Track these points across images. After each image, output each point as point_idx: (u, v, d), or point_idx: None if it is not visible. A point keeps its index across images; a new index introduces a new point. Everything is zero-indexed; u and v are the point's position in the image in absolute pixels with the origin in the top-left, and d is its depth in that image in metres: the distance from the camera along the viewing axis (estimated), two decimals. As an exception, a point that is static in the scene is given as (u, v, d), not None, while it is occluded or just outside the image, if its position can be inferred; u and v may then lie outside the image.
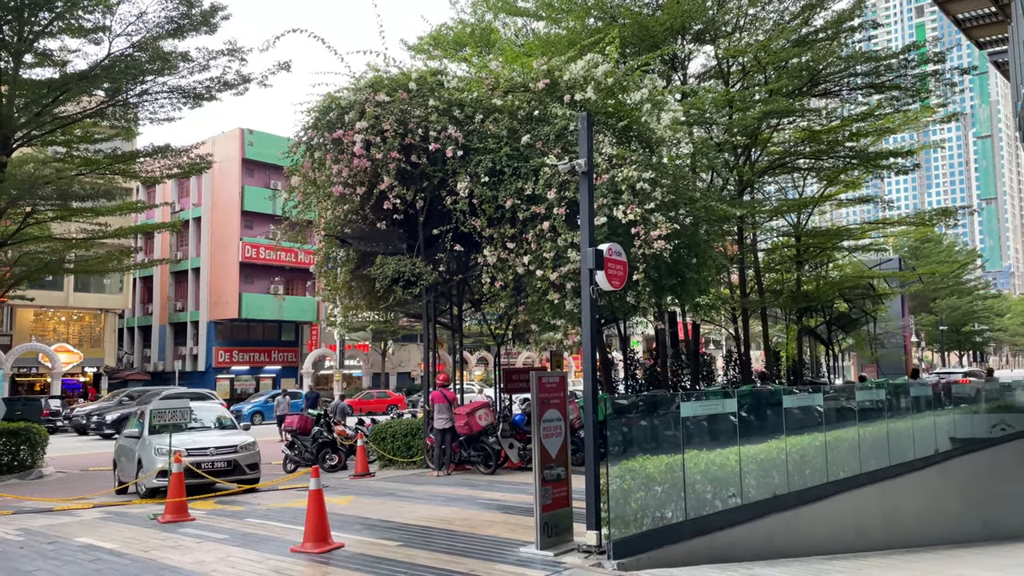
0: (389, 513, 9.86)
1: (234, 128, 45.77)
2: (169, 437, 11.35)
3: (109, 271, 25.52)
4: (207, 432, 13.25)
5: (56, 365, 38.51)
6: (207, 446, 12.24)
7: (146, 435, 12.34)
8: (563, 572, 6.76)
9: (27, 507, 11.24)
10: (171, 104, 17.87)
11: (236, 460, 12.35)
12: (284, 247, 41.65)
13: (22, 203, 17.32)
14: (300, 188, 15.15)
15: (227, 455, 12.28)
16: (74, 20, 15.80)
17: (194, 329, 47.00)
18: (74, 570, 7.12)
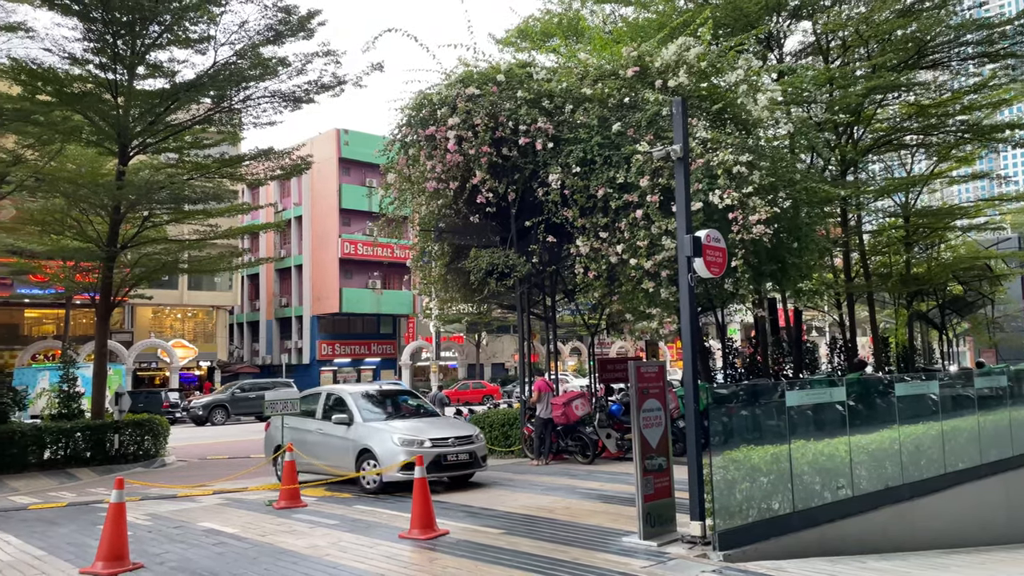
0: (491, 502, 10.02)
1: (330, 129, 47.24)
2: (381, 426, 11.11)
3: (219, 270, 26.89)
4: (428, 420, 12.07)
5: (173, 360, 40.86)
6: (446, 436, 11.15)
7: (361, 422, 11.43)
8: (668, 562, 6.71)
9: (153, 493, 11.99)
10: (272, 108, 18.59)
11: (474, 451, 11.35)
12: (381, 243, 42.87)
13: (140, 208, 18.42)
14: (395, 185, 15.50)
15: (467, 446, 11.24)
16: (181, 32, 16.62)
17: (298, 324, 48.92)
18: (199, 553, 7.56)
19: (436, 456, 10.76)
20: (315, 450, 11.81)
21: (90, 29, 15.78)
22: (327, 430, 11.82)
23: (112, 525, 6.93)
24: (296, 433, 12.20)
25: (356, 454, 11.22)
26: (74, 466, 15.89)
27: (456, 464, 11.07)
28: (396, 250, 44.74)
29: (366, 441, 11.13)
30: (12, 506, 11.39)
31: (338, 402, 12.17)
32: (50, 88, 15.82)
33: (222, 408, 32.31)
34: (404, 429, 11.16)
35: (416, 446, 10.72)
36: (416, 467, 9.31)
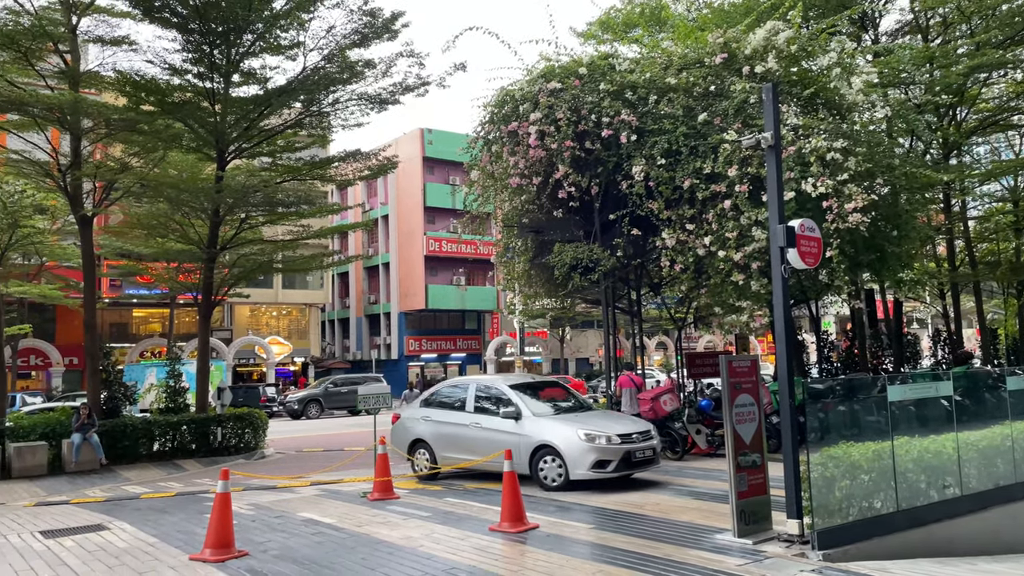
0: (580, 497, 10.00)
1: (414, 128, 48.04)
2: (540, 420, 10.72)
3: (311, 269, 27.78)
4: (598, 415, 11.66)
5: (270, 356, 42.47)
6: (630, 432, 10.67)
7: (532, 416, 10.90)
8: (764, 561, 6.55)
9: (254, 484, 12.50)
10: (359, 110, 19.04)
11: (655, 447, 10.96)
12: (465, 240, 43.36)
13: (237, 210, 19.21)
14: (479, 182, 15.64)
15: (650, 441, 10.81)
16: (273, 39, 17.22)
17: (386, 320, 50.04)
18: (299, 541, 7.84)
19: (625, 453, 10.32)
20: (470, 445, 11.26)
21: (188, 40, 16.53)
22: (486, 424, 11.24)
23: (219, 514, 7.26)
24: (437, 427, 11.86)
25: (530, 450, 10.66)
26: (180, 457, 16.73)
27: (643, 460, 10.61)
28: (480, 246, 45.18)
29: (543, 437, 10.60)
30: (126, 495, 12.10)
31: (495, 395, 11.58)
32: (153, 98, 16.66)
33: (316, 402, 33.39)
34: (588, 425, 10.58)
35: (604, 442, 10.26)
36: (609, 464, 9.58)
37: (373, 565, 6.78)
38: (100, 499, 11.68)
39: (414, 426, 12.27)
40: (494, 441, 11.00)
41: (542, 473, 10.54)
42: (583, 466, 10.17)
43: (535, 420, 10.88)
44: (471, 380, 12.48)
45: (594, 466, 10.15)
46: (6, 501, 11.94)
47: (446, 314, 50.26)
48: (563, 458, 10.34)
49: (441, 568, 6.60)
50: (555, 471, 10.44)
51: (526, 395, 11.49)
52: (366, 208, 48.77)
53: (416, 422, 12.25)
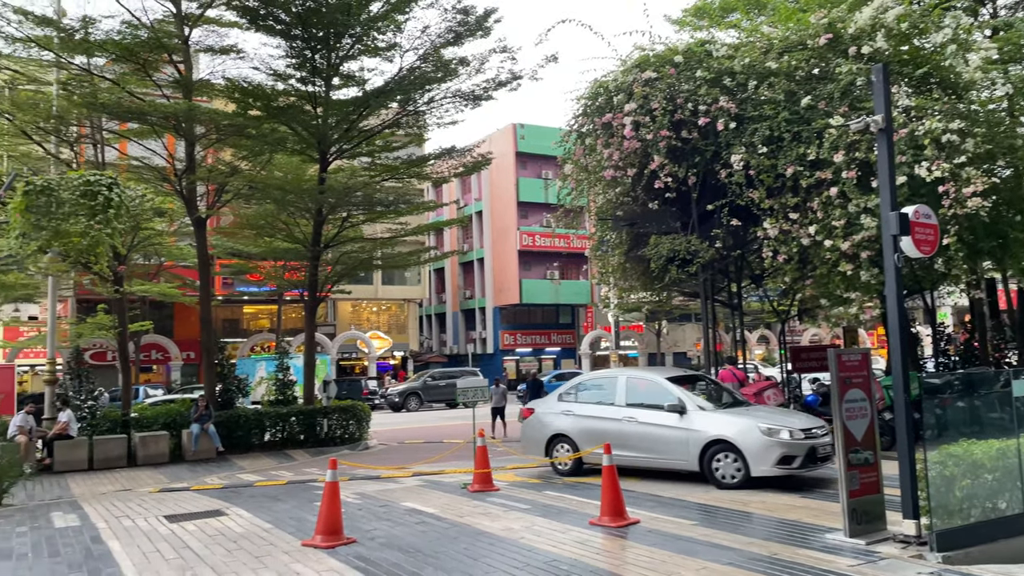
0: (681, 492, 9.86)
1: (507, 124, 48.37)
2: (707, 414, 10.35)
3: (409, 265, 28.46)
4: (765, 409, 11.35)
5: (371, 350, 43.73)
6: (810, 426, 10.14)
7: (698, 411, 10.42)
8: (879, 562, 6.29)
9: (359, 474, 12.91)
10: (454, 107, 19.31)
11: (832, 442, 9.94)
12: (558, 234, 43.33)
13: (339, 210, 19.86)
14: (572, 175, 15.57)
15: (828, 436, 10.17)
16: (370, 42, 17.67)
17: (481, 315, 50.66)
18: (404, 530, 8.06)
19: (810, 448, 9.83)
20: (623, 440, 10.70)
21: (291, 46, 17.17)
22: (644, 418, 10.74)
23: (328, 502, 7.54)
24: (582, 421, 11.37)
25: (701, 446, 10.16)
26: (290, 447, 17.47)
27: (825, 456, 10.02)
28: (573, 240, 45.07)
29: (716, 431, 10.09)
30: (241, 483, 12.72)
31: (652, 388, 11.13)
32: (259, 103, 17.40)
33: (415, 395, 34.15)
34: (766, 418, 10.11)
35: (787, 436, 9.74)
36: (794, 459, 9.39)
37: (476, 555, 6.89)
38: (218, 486, 12.33)
39: (553, 421, 11.81)
40: (655, 437, 10.60)
41: (717, 470, 10.06)
42: (767, 462, 9.65)
43: (703, 414, 10.41)
44: (618, 373, 12.06)
45: (779, 462, 9.65)
46: (133, 487, 12.77)
47: (540, 308, 50.43)
48: (742, 454, 9.84)
49: (542, 560, 6.64)
50: (732, 468, 9.95)
51: (687, 389, 10.98)
52: (461, 205, 49.45)
53: (555, 417, 11.79)
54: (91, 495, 11.91)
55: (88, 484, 13.29)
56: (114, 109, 16.53)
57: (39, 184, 11.65)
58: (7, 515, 10.10)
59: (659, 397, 10.86)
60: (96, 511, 10.05)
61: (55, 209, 11.53)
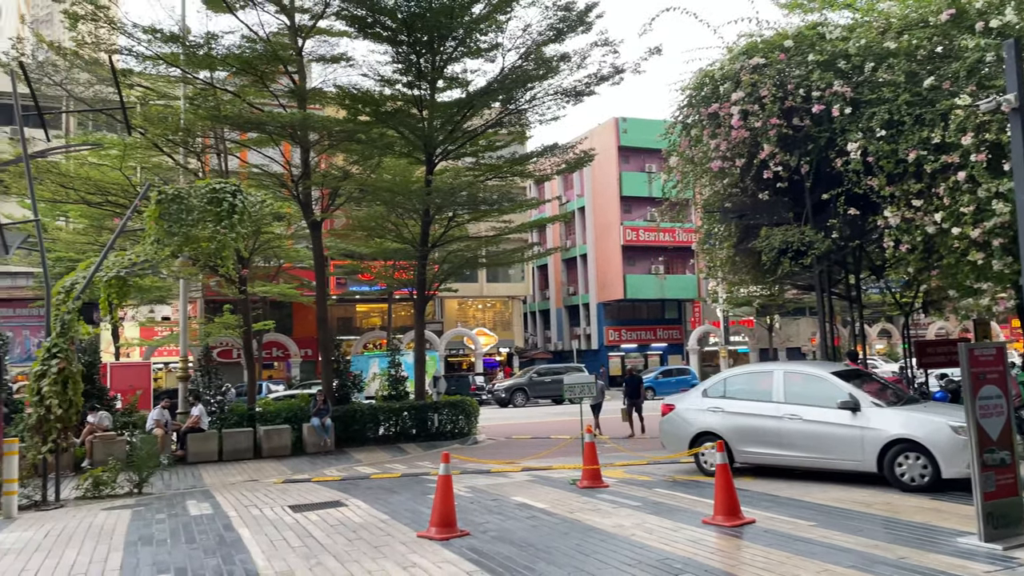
0: (798, 492, 9.55)
1: (609, 118, 47.99)
2: None
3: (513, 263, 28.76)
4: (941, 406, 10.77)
5: (477, 346, 44.42)
6: None
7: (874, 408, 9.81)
8: (1018, 569, 5.90)
9: (470, 468, 13.15)
10: (556, 104, 19.36)
11: None
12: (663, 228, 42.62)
13: (445, 210, 20.28)
14: (677, 168, 15.31)
15: None
16: (472, 43, 17.94)
17: (585, 311, 50.54)
18: (515, 524, 8.17)
19: None
20: (784, 439, 10.30)
21: (398, 52, 17.65)
22: (809, 416, 10.19)
23: (441, 495, 7.74)
24: (733, 419, 10.88)
25: (880, 446, 9.56)
26: (402, 441, 18.00)
27: None
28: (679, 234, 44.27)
29: (898, 430, 9.50)
30: (358, 475, 13.21)
31: (815, 383, 10.51)
32: (368, 109, 17.99)
33: (522, 391, 34.50)
34: (953, 417, 9.36)
35: None
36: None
37: (587, 551, 6.91)
38: (336, 478, 12.86)
39: (698, 418, 11.29)
40: (822, 435, 10.03)
41: (900, 472, 9.47)
42: (960, 463, 8.82)
43: (879, 411, 9.78)
44: (772, 368, 11.54)
45: None
46: (259, 478, 13.49)
47: (645, 304, 49.83)
48: (931, 455, 9.22)
49: (655, 558, 6.59)
50: (918, 469, 9.36)
51: (853, 384, 10.29)
52: (563, 201, 49.47)
53: (701, 414, 11.27)
54: (221, 485, 12.67)
55: (218, 474, 14.14)
56: (235, 120, 17.49)
57: (170, 193, 12.48)
58: (147, 503, 10.88)
59: (825, 393, 10.27)
60: (226, 500, 10.68)
61: (185, 216, 12.30)
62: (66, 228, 24.12)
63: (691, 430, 11.36)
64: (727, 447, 10.55)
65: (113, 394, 18.87)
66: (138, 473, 12.07)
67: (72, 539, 8.29)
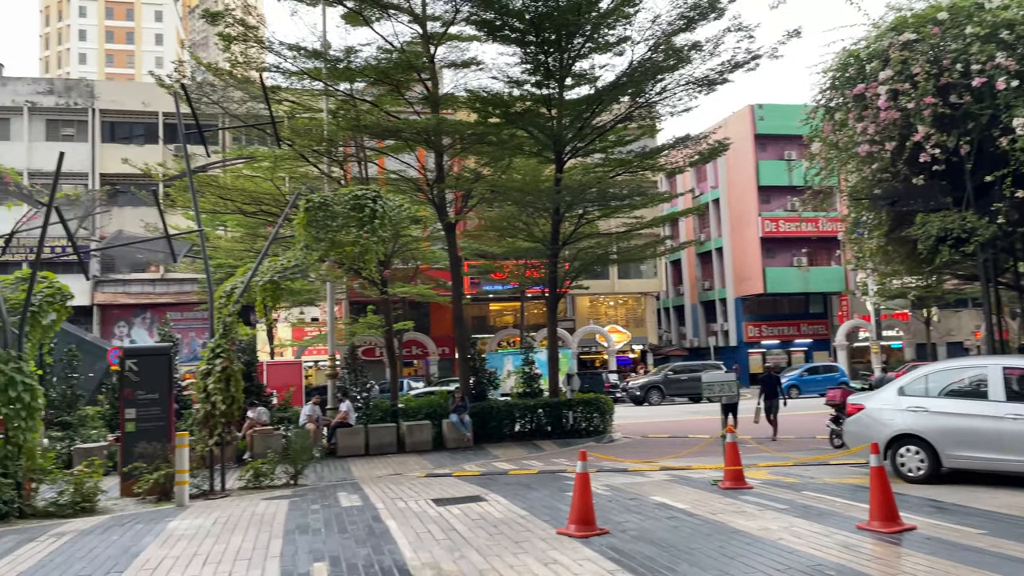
0: (963, 497, 8.86)
1: (743, 106, 46.39)
2: None
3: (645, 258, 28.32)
4: None
5: (610, 344, 44.15)
6: None
7: None
8: None
9: (606, 466, 13.09)
10: (687, 95, 18.92)
11: None
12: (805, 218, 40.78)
13: (575, 207, 20.28)
14: (820, 154, 14.60)
15: None
16: (600, 38, 17.83)
17: (722, 306, 49.10)
18: (655, 524, 8.05)
19: None
20: (1011, 443, 9.34)
21: (526, 52, 17.82)
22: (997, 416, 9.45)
23: (580, 492, 7.74)
24: (939, 419, 9.99)
25: None
26: (538, 438, 18.16)
27: None
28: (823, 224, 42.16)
29: None
30: (496, 471, 13.45)
31: None
32: (498, 111, 18.27)
33: (657, 389, 34.00)
34: None
35: None
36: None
37: (731, 554, 6.70)
38: (476, 473, 13.15)
39: (894, 419, 10.39)
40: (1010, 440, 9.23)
41: None
42: None
43: None
44: (986, 362, 10.45)
45: None
46: (403, 472, 14.01)
47: (786, 298, 47.81)
48: None
49: (805, 563, 6.30)
50: None
51: None
52: (696, 193, 48.28)
53: (898, 414, 10.37)
54: (369, 478, 13.26)
55: (366, 468, 14.81)
56: (374, 129, 18.25)
57: (317, 201, 13.17)
58: (302, 494, 11.55)
59: None
60: (374, 492, 11.17)
61: (330, 222, 12.95)
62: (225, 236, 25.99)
63: (887, 432, 10.39)
64: (932, 450, 9.92)
65: (269, 391, 20.17)
66: (293, 465, 12.83)
67: (237, 526, 8.92)
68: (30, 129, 40.28)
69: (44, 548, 8.20)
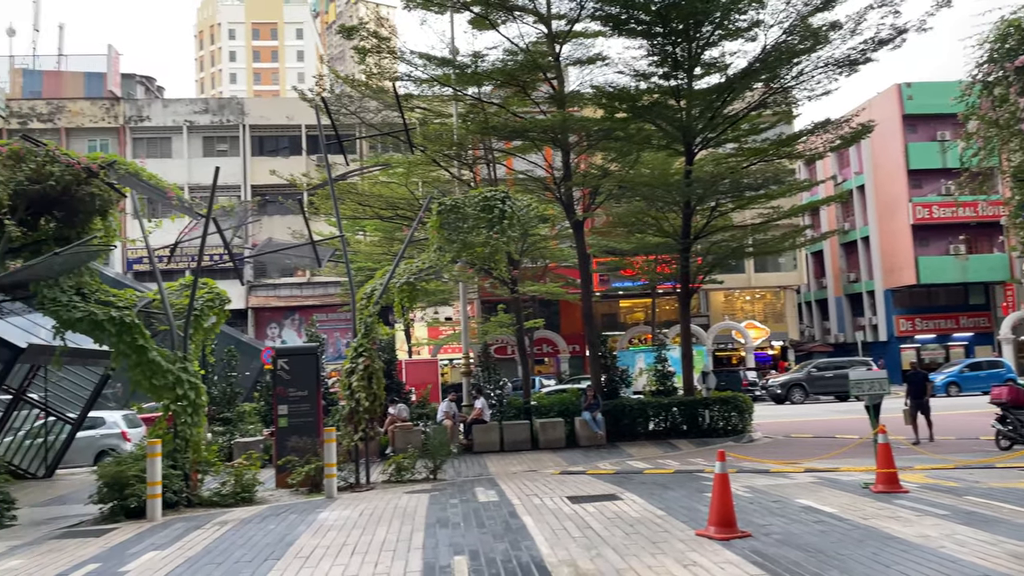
0: None
1: (889, 85, 43.61)
2: None
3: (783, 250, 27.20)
4: None
5: (747, 340, 42.66)
6: None
7: None
8: None
9: (746, 467, 12.66)
10: (826, 77, 17.98)
11: None
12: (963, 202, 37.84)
13: (707, 200, 19.74)
14: (978, 133, 13.49)
15: None
16: (730, 25, 17.25)
17: (870, 299, 46.36)
18: (801, 528, 7.70)
19: None
20: None
21: (652, 44, 17.50)
22: None
23: (719, 493, 7.52)
24: None
25: None
26: (673, 437, 17.81)
27: None
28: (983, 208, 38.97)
29: None
30: (630, 469, 13.32)
31: None
32: (625, 105, 18.04)
33: (799, 387, 32.56)
34: None
35: None
36: None
37: (887, 562, 6.31)
38: (610, 471, 13.06)
39: None
40: None
41: None
42: None
43: None
44: None
45: None
46: (537, 468, 14.13)
47: (943, 289, 44.49)
48: None
49: (970, 574, 5.84)
50: None
51: None
52: (838, 180, 45.82)
53: None
54: (504, 474, 13.47)
55: (501, 464, 15.05)
56: (501, 130, 18.51)
57: (448, 204, 13.52)
58: (442, 488, 11.88)
59: None
60: (510, 488, 11.33)
61: (462, 224, 13.27)
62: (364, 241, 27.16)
63: None
64: None
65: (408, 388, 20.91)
66: (432, 460, 13.23)
67: (382, 518, 9.30)
68: (189, 146, 43.74)
69: (209, 535, 8.88)
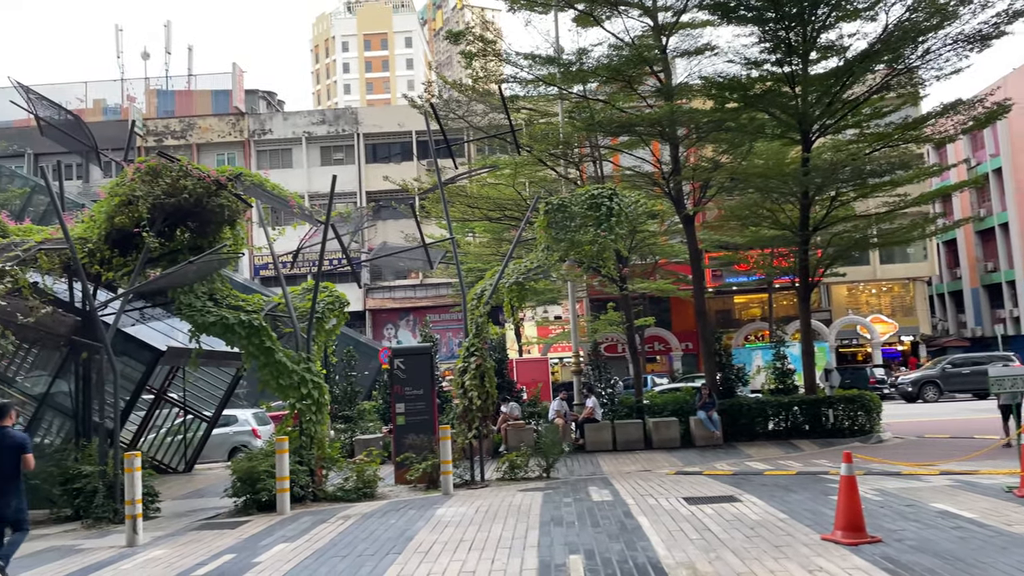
0: None
1: (1027, 59, 40.28)
2: None
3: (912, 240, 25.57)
4: None
5: (873, 335, 40.52)
6: None
7: None
8: None
9: (875, 469, 12.01)
10: (955, 55, 16.83)
11: None
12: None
13: (826, 189, 18.87)
14: None
15: None
16: (848, 5, 16.43)
17: (1010, 289, 43.12)
18: (937, 534, 7.24)
19: None
20: None
21: (764, 31, 16.89)
22: None
23: (846, 497, 7.18)
24: None
25: None
26: (794, 437, 17.15)
27: None
28: None
29: None
30: (749, 470, 12.91)
31: None
32: (735, 95, 17.49)
33: (933, 384, 30.67)
34: None
35: None
36: None
37: (1036, 573, 5.85)
38: (727, 472, 12.71)
39: None
40: None
41: None
42: None
43: None
44: None
45: None
46: (651, 468, 13.93)
47: (1096, 276, 40.82)
48: None
49: None
50: None
51: None
52: (971, 164, 42.82)
53: None
54: (618, 473, 13.35)
55: (614, 463, 14.93)
56: (608, 127, 18.34)
57: (555, 203, 13.54)
58: (555, 486, 11.91)
59: None
60: (624, 488, 11.22)
61: (569, 223, 13.26)
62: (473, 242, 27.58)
63: None
64: None
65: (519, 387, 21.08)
66: (545, 459, 13.28)
67: (497, 515, 9.42)
68: (308, 156, 45.78)
69: (334, 528, 9.25)
